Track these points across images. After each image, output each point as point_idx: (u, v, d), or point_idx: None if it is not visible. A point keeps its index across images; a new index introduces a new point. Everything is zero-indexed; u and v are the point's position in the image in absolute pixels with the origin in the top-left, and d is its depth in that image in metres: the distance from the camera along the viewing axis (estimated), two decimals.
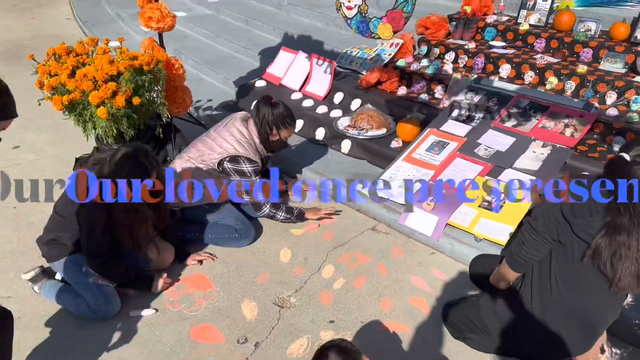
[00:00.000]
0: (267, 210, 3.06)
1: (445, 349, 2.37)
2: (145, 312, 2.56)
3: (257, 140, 3.09)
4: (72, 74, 3.21)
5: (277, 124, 3.05)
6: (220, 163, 3.01)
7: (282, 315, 2.57)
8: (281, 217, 3.11)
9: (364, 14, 2.64)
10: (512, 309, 2.16)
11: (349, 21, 2.69)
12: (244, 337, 2.45)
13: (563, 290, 2.01)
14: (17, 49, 6.67)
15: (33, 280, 2.64)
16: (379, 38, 2.61)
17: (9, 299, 2.67)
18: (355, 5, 2.57)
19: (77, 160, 2.72)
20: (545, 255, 2.05)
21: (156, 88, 3.36)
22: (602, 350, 2.33)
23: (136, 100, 3.14)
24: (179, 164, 3.09)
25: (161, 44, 3.66)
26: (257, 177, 3.03)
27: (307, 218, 3.17)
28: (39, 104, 3.30)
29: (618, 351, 2.35)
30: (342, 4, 2.67)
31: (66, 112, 3.22)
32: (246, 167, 2.99)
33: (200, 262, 2.92)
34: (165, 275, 2.70)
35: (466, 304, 2.39)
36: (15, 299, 2.65)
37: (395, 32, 2.53)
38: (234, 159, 2.98)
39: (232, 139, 3.00)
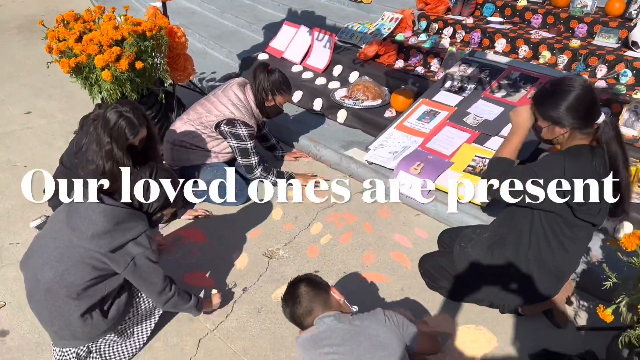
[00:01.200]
0: (259, 173, 3.21)
1: (421, 297, 2.52)
2: None
3: (253, 105, 3.21)
4: (79, 39, 3.37)
5: (273, 89, 3.16)
6: (217, 125, 3.14)
7: (270, 265, 2.74)
8: (272, 179, 3.26)
9: None
10: (485, 257, 2.29)
11: None
12: (233, 282, 2.62)
13: (543, 246, 2.13)
14: (32, 24, 6.85)
15: (39, 227, 2.83)
16: (361, 2, 2.69)
17: (18, 244, 2.86)
18: None
19: (82, 118, 2.90)
20: (524, 213, 2.15)
21: (158, 54, 3.51)
22: (570, 302, 2.47)
23: (139, 65, 3.29)
24: (179, 125, 3.24)
25: (164, 13, 3.80)
26: (251, 141, 3.16)
27: (297, 180, 3.31)
28: (48, 67, 3.47)
29: (585, 303, 2.48)
30: None
31: (73, 75, 3.37)
32: (241, 131, 3.13)
33: (197, 217, 3.09)
34: (158, 239, 2.85)
35: (440, 254, 2.53)
36: (24, 244, 2.84)
37: None
38: (230, 122, 3.12)
39: (229, 103, 3.13)
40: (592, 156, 1.99)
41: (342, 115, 3.94)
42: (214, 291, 2.44)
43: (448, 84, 3.80)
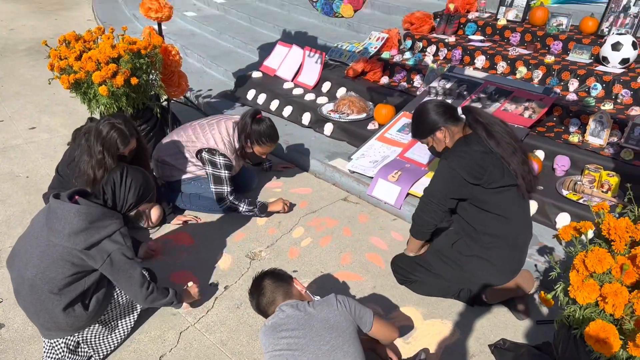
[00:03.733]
0: (229, 202, 3.23)
1: (391, 294, 2.67)
2: None
3: (236, 145, 3.27)
4: (79, 57, 3.60)
5: (252, 138, 3.19)
6: (199, 152, 3.23)
7: (252, 266, 2.90)
8: (243, 210, 3.24)
9: None
10: (448, 244, 2.52)
11: (314, 4, 3.00)
12: (216, 281, 2.79)
13: (494, 225, 2.39)
14: (40, 46, 7.14)
15: None
16: (342, 17, 2.90)
17: None
18: None
19: (74, 131, 3.11)
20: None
21: (153, 71, 3.73)
22: (532, 298, 2.61)
23: (134, 81, 3.51)
24: (166, 144, 3.34)
25: (160, 33, 4.04)
26: (226, 171, 3.20)
27: (269, 210, 3.30)
28: (49, 83, 3.70)
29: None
30: None
31: (72, 90, 3.60)
32: (219, 160, 3.19)
33: (185, 222, 3.27)
34: (149, 243, 3.02)
35: None
36: None
37: (355, 11, 2.82)
38: (211, 150, 3.20)
39: (217, 136, 3.21)
40: (467, 141, 2.39)
41: (328, 128, 4.13)
42: (190, 283, 2.59)
43: (428, 97, 3.99)
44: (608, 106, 3.54)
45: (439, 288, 2.62)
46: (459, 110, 2.56)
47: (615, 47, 3.75)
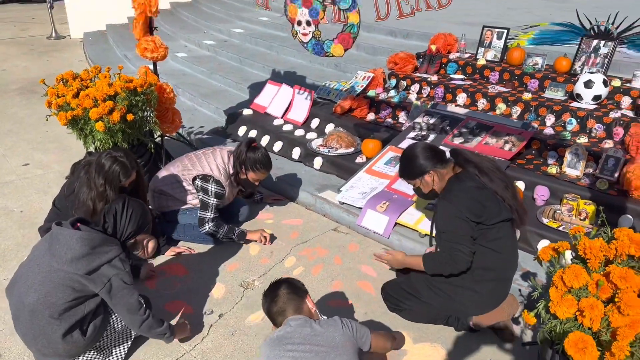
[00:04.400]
0: (208, 228, 3.31)
1: (382, 319, 2.75)
2: None
3: (231, 171, 3.42)
4: (77, 95, 3.73)
5: (247, 165, 3.35)
6: (194, 179, 3.37)
7: (246, 294, 2.97)
8: (221, 235, 3.33)
9: (317, 38, 3.14)
10: (442, 277, 2.59)
11: (305, 45, 3.18)
12: (210, 309, 2.84)
13: (487, 258, 2.48)
14: (32, 86, 7.30)
15: None
16: (333, 56, 3.09)
17: None
18: (310, 32, 3.08)
19: (73, 164, 3.21)
20: None
21: (148, 108, 3.87)
22: (517, 322, 2.71)
23: (130, 117, 3.64)
24: (162, 174, 3.51)
25: (155, 72, 4.20)
26: (215, 199, 3.32)
27: (248, 239, 3.40)
28: (47, 119, 3.81)
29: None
30: (297, 32, 3.18)
31: (69, 127, 3.71)
32: (211, 187, 3.31)
33: (179, 254, 3.34)
34: (149, 264, 3.10)
35: (400, 278, 2.80)
36: None
37: (346, 50, 3.02)
38: (205, 177, 3.34)
39: (213, 163, 3.37)
40: (460, 179, 2.48)
41: (318, 162, 4.27)
42: (184, 320, 2.65)
43: (413, 132, 4.17)
44: (583, 139, 3.73)
45: (428, 316, 2.70)
46: (447, 153, 2.62)
47: (588, 84, 3.99)
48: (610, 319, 1.71)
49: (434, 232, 2.67)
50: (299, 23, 3.12)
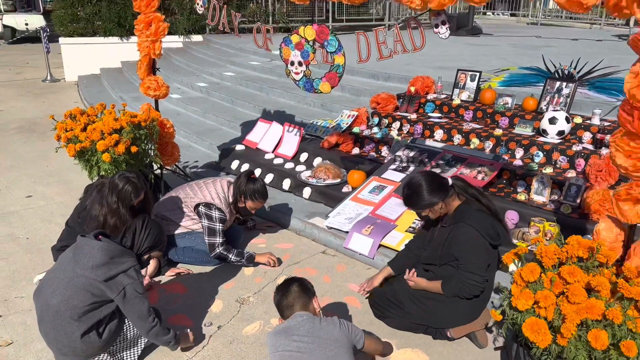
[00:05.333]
0: (219, 252, 3.57)
1: (369, 329, 3.01)
2: None
3: (230, 200, 3.74)
4: (84, 129, 4.04)
5: (246, 194, 3.66)
6: (196, 206, 3.67)
7: (242, 309, 3.22)
8: (232, 259, 3.59)
9: (308, 77, 3.52)
10: (421, 290, 2.88)
11: (297, 82, 3.57)
12: (209, 322, 3.08)
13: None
14: (30, 125, 7.59)
15: None
16: (321, 92, 3.47)
17: (22, 297, 3.30)
18: (301, 71, 3.47)
19: (86, 186, 3.49)
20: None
21: (150, 141, 4.18)
22: (490, 330, 2.99)
23: (134, 149, 3.94)
24: (164, 201, 3.77)
25: (156, 108, 4.54)
26: (220, 224, 3.61)
27: (257, 261, 3.66)
28: (56, 151, 4.10)
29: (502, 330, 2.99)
30: (290, 71, 3.57)
31: (76, 158, 3.99)
32: (214, 214, 3.60)
33: (178, 274, 3.58)
34: (147, 278, 3.35)
35: (387, 288, 3.07)
36: (27, 297, 3.27)
37: (332, 87, 3.40)
38: (207, 205, 3.63)
39: (214, 192, 3.68)
40: (470, 206, 2.78)
41: (307, 192, 4.59)
42: (187, 330, 2.88)
43: (394, 164, 4.53)
44: (549, 170, 4.11)
45: (409, 325, 2.97)
46: (449, 180, 2.83)
47: (552, 121, 4.40)
48: (561, 308, 2.01)
49: (442, 253, 2.82)
50: (292, 63, 3.52)
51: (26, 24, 17.31)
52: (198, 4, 4.02)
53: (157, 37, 4.28)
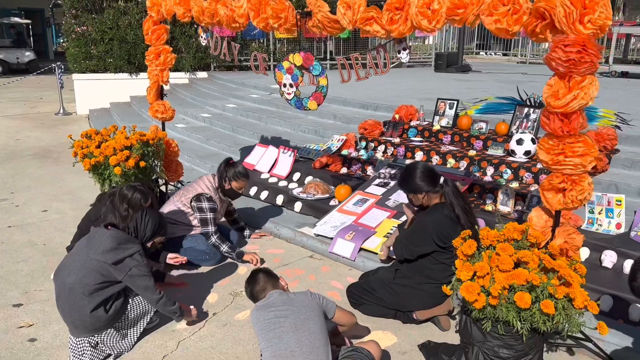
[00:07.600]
0: (214, 240, 4.12)
1: None
2: None
3: (216, 185, 4.28)
4: (99, 146, 4.54)
5: (229, 176, 4.23)
6: (191, 201, 4.18)
7: (235, 300, 3.63)
8: (224, 250, 4.12)
9: (298, 97, 4.07)
10: (390, 278, 3.30)
11: (289, 101, 4.11)
12: (206, 309, 3.49)
13: (433, 268, 3.22)
14: (45, 152, 8.14)
15: None
16: (309, 109, 4.00)
17: (41, 291, 3.72)
18: (292, 91, 4.02)
19: (98, 195, 3.96)
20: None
21: (157, 158, 4.68)
22: (453, 317, 3.38)
23: (142, 164, 4.43)
24: (165, 206, 4.26)
25: (163, 129, 5.05)
26: (211, 213, 4.13)
27: (244, 259, 4.15)
28: (74, 165, 4.58)
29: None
30: (283, 92, 4.12)
31: (90, 171, 4.48)
32: (204, 205, 4.12)
33: (177, 262, 3.98)
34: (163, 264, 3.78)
35: (362, 280, 3.49)
36: (45, 291, 3.70)
37: (319, 105, 3.93)
38: (197, 197, 4.15)
39: (202, 184, 4.23)
40: (442, 208, 3.20)
41: (298, 206, 5.05)
42: (191, 306, 3.31)
43: (378, 180, 5.00)
44: (514, 184, 4.57)
45: (381, 310, 3.38)
46: (441, 179, 3.27)
47: (519, 142, 4.89)
48: (494, 276, 2.43)
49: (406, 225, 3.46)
50: (284, 85, 4.07)
51: (17, 59, 20.29)
52: (202, 37, 4.58)
53: (165, 66, 4.83)
